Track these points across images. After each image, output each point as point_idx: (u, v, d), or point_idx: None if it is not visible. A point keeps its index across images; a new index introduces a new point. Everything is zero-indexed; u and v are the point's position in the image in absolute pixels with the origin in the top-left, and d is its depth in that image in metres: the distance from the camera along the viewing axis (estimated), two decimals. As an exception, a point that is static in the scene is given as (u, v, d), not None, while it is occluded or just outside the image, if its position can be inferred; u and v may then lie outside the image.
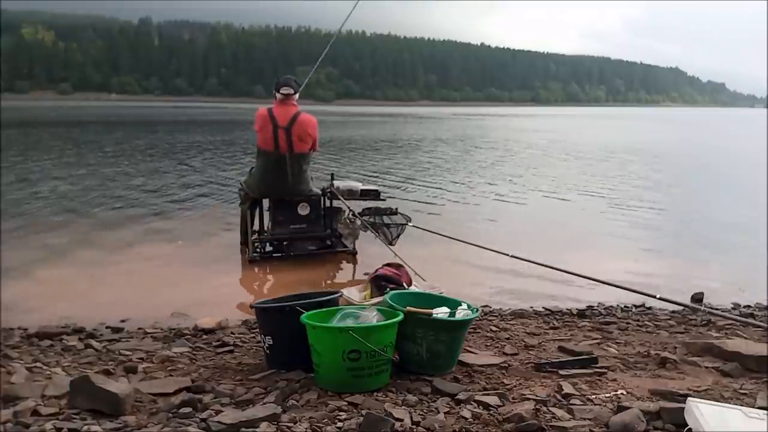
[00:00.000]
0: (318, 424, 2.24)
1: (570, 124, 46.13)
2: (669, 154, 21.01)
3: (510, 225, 7.95)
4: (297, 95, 5.59)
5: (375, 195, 6.03)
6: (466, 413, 2.36)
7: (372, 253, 5.56)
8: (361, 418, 2.25)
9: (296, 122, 5.45)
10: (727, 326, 3.90)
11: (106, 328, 3.81)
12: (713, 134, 37.39)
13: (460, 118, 53.29)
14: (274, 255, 5.75)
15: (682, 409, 2.23)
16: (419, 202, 9.33)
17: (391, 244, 5.27)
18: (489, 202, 9.65)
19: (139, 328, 3.81)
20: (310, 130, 5.53)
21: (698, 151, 22.37)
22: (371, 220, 5.39)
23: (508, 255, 4.19)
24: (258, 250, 5.74)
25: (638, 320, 4.12)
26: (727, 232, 7.65)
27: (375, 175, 12.46)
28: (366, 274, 4.64)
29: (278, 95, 5.50)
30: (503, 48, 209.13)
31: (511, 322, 3.94)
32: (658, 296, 3.46)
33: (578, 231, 7.52)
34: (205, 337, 3.59)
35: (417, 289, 3.57)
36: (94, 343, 3.43)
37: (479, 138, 27.08)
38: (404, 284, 3.61)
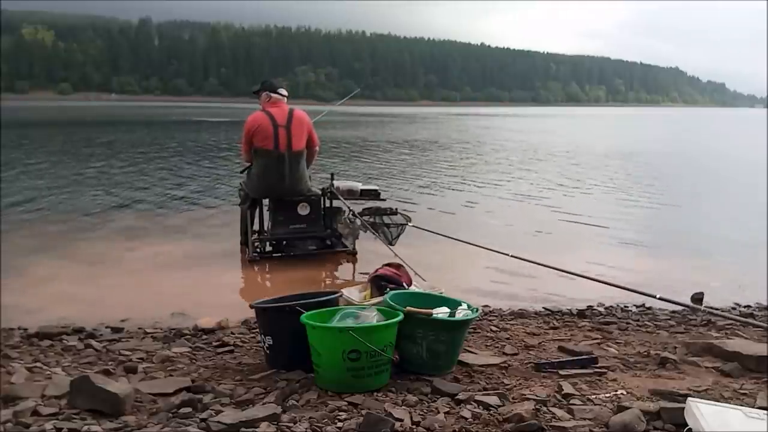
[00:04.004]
0: (318, 424, 2.24)
1: (571, 124, 46.14)
2: (668, 154, 21.02)
3: (510, 225, 7.94)
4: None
5: (375, 195, 6.03)
6: (466, 413, 2.36)
7: (372, 253, 5.56)
8: (361, 418, 2.25)
9: (294, 119, 5.56)
10: (727, 326, 3.90)
11: (106, 328, 3.81)
12: (713, 135, 37.40)
13: (461, 118, 53.30)
14: (274, 255, 5.75)
15: (682, 409, 2.23)
16: (419, 201, 9.33)
17: (391, 244, 5.27)
18: (489, 203, 9.65)
19: (139, 328, 3.81)
20: (305, 125, 5.64)
21: (697, 152, 22.36)
22: (371, 220, 5.39)
23: (508, 255, 4.19)
24: (258, 250, 5.75)
25: (638, 320, 4.12)
26: (726, 232, 7.65)
27: (374, 174, 12.46)
28: (364, 273, 4.66)
29: (274, 96, 5.62)
30: (503, 48, 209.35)
31: (511, 322, 3.94)
32: (658, 296, 3.45)
33: (577, 231, 7.52)
34: (205, 337, 3.59)
35: (417, 289, 3.57)
36: (94, 343, 3.43)
37: (479, 139, 27.08)
38: (404, 284, 3.61)
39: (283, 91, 5.68)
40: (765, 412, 2.19)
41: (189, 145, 20.18)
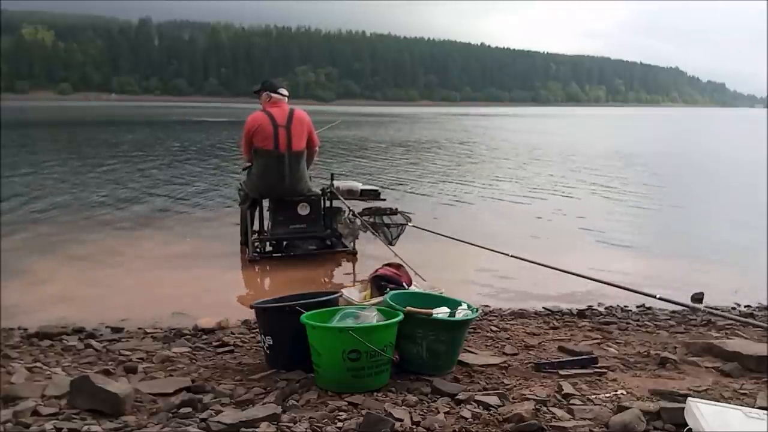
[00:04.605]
0: (318, 424, 2.24)
1: (571, 124, 46.15)
2: (668, 154, 21.03)
3: (509, 225, 7.94)
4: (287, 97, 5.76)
5: (375, 195, 6.03)
6: (466, 413, 2.36)
7: (372, 253, 5.56)
8: (361, 418, 2.25)
9: (294, 119, 5.56)
10: (727, 326, 3.90)
11: (106, 328, 3.82)
12: (713, 135, 37.40)
13: (461, 119, 53.29)
14: (274, 255, 5.75)
15: (682, 409, 2.23)
16: (419, 201, 9.33)
17: (391, 244, 5.27)
18: (489, 203, 9.65)
19: (139, 328, 3.81)
20: (306, 125, 5.65)
21: (697, 152, 22.36)
22: (371, 220, 5.39)
23: (508, 255, 4.19)
24: (258, 250, 5.75)
25: (638, 320, 4.12)
26: (726, 232, 7.65)
27: (374, 174, 12.46)
28: (363, 279, 4.67)
29: (275, 96, 5.62)
30: (503, 48, 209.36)
31: (511, 322, 3.94)
32: (658, 296, 3.45)
33: (577, 231, 7.52)
34: (205, 337, 3.59)
35: (417, 289, 3.57)
36: (94, 343, 3.43)
37: (479, 139, 27.07)
38: (404, 284, 3.61)
39: (284, 91, 5.67)
40: (765, 412, 2.19)
41: (189, 146, 20.17)
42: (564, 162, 16.44)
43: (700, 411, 2.14)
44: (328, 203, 5.88)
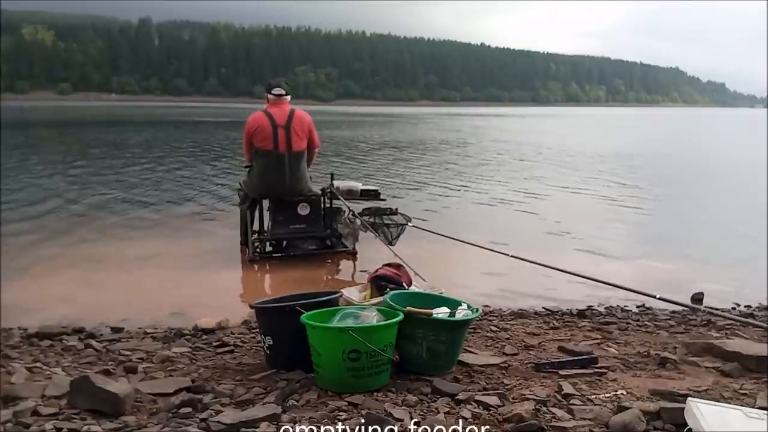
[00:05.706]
0: (318, 424, 2.24)
1: (570, 125, 46.13)
2: (668, 155, 21.02)
3: (510, 225, 7.94)
4: (289, 97, 5.70)
5: (375, 195, 6.03)
6: (466, 413, 2.36)
7: (372, 253, 5.55)
8: (361, 419, 2.25)
9: (293, 119, 5.55)
10: (727, 326, 3.90)
11: (106, 328, 3.82)
12: (713, 135, 37.40)
13: (461, 119, 53.28)
14: (274, 255, 5.75)
15: (682, 409, 2.23)
16: (419, 201, 9.33)
17: (391, 244, 5.26)
18: (489, 204, 9.64)
19: (139, 328, 3.81)
20: (306, 125, 5.63)
21: (698, 153, 22.36)
22: (371, 220, 5.39)
23: (508, 255, 4.19)
24: (258, 250, 5.75)
25: (638, 320, 4.12)
26: (727, 233, 7.65)
27: (375, 175, 12.46)
28: (364, 272, 4.66)
29: (271, 96, 5.61)
30: (503, 48, 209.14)
31: (511, 322, 3.94)
32: (658, 296, 3.45)
33: (577, 231, 7.52)
34: (205, 337, 3.59)
35: (417, 289, 3.57)
36: (94, 343, 3.43)
37: (479, 140, 27.07)
38: (404, 284, 3.61)
39: (279, 90, 5.61)
40: (765, 412, 2.19)
41: (189, 146, 20.18)
42: (564, 162, 16.44)
43: (700, 411, 2.14)
44: (328, 203, 5.89)
